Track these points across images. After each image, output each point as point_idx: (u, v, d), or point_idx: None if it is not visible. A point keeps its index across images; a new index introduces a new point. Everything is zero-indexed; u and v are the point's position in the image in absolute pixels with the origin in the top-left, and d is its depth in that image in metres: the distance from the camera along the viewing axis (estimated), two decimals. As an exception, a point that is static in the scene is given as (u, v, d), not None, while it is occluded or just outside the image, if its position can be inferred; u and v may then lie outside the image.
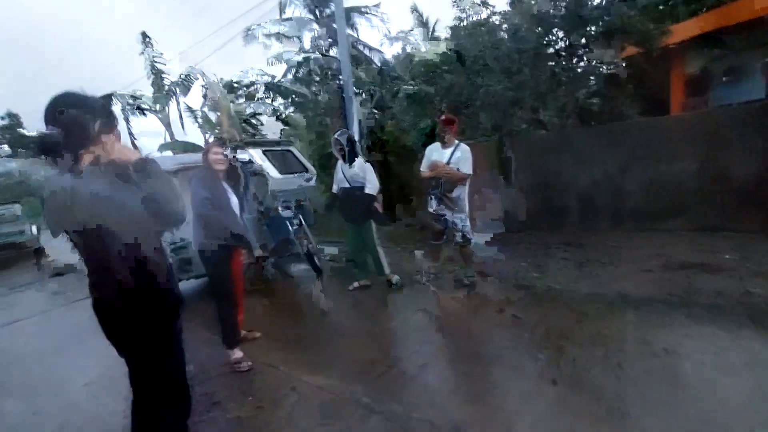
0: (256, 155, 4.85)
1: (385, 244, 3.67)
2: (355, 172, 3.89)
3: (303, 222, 4.22)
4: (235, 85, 12.00)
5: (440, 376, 2.40)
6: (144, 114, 12.85)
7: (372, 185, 3.89)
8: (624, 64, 7.23)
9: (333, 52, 11.52)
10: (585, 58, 6.33)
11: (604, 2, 5.55)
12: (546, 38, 5.93)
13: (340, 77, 7.56)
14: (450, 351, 2.73)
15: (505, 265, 4.35)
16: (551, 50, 6.13)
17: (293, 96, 10.48)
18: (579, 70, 6.40)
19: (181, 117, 12.89)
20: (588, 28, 5.70)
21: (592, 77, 6.79)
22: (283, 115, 11.91)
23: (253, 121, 13.20)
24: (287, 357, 2.81)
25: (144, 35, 12.67)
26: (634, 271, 3.68)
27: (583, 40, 5.92)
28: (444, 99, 6.46)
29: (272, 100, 12.09)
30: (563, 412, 1.92)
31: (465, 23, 6.45)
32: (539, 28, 5.75)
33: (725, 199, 4.43)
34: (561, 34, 5.97)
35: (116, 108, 11.75)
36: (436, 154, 3.79)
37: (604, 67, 6.61)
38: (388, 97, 8.44)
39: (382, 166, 7.58)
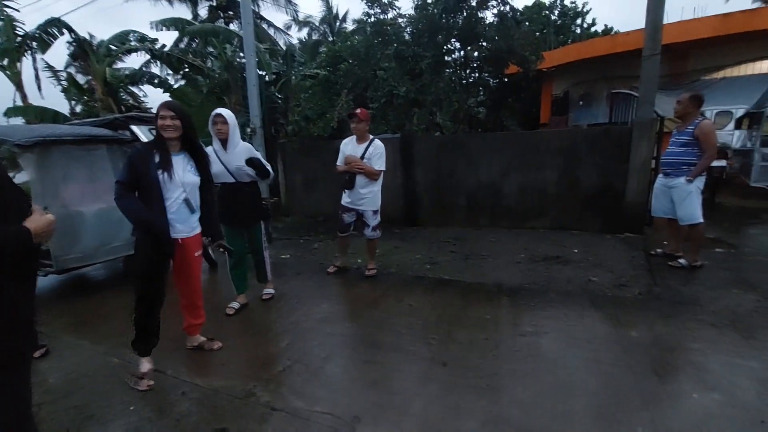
0: (141, 133, 4.24)
1: (287, 236, 3.55)
2: (238, 160, 3.05)
3: None
4: (114, 48, 10.20)
5: (342, 367, 2.46)
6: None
7: (266, 165, 3.17)
8: (506, 80, 8.21)
9: (234, 26, 10.62)
10: (476, 72, 6.98)
11: (494, 22, 6.20)
12: (445, 47, 6.38)
13: (242, 54, 7.03)
14: (352, 341, 2.81)
15: (402, 257, 4.63)
16: (449, 59, 6.63)
17: (185, 68, 9.34)
18: (471, 80, 7.05)
19: (37, 77, 10.49)
20: (480, 44, 6.31)
21: (481, 88, 7.55)
22: (172, 89, 10.56)
23: (136, 91, 11.41)
24: (176, 360, 2.57)
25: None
26: (507, 263, 4.25)
27: (477, 54, 6.54)
28: (351, 92, 6.50)
29: (160, 71, 10.58)
30: (452, 391, 2.15)
31: (372, 19, 6.56)
32: (440, 37, 6.17)
33: (575, 203, 5.39)
34: (458, 45, 6.49)
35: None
36: (350, 148, 3.83)
37: (491, 81, 7.42)
38: (294, 82, 8.14)
39: (286, 154, 7.32)
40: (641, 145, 4.83)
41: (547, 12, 13.09)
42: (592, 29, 13.87)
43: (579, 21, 13.87)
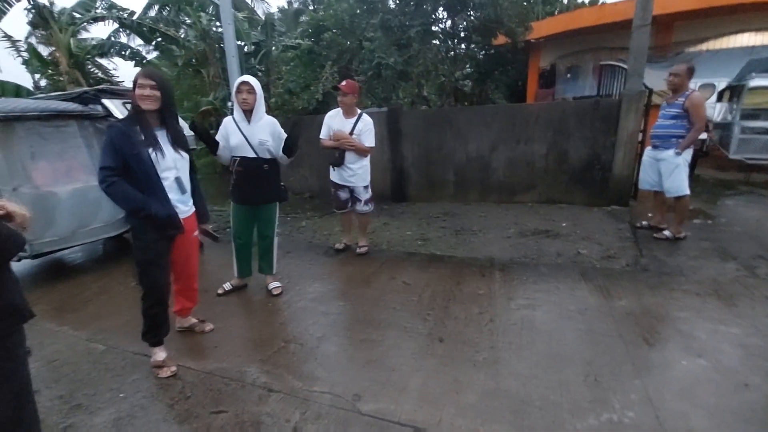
0: (114, 107, 3.98)
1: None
2: (262, 134, 2.84)
3: None
4: (78, 15, 9.48)
5: (339, 346, 2.44)
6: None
7: (290, 149, 2.92)
8: (493, 52, 8.04)
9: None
10: (464, 42, 6.80)
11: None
12: (433, 16, 6.17)
13: (218, 23, 6.64)
14: (347, 320, 2.79)
15: (393, 234, 4.59)
16: (436, 29, 6.42)
17: (158, 38, 8.79)
18: (459, 52, 6.88)
19: (-7, 47, 9.74)
20: (469, 13, 6.11)
21: (468, 61, 7.39)
22: (145, 61, 9.96)
23: (105, 63, 10.72)
24: (167, 343, 2.50)
25: None
26: (498, 238, 4.27)
27: (464, 24, 6.35)
28: (335, 63, 6.26)
29: (130, 41, 9.93)
30: (449, 365, 2.16)
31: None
32: (426, 6, 5.94)
33: (563, 177, 5.42)
34: (446, 14, 6.28)
35: None
36: (337, 122, 3.67)
37: (479, 53, 7.25)
38: (275, 54, 7.78)
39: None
40: (629, 117, 4.83)
41: (534, -19, 12.76)
42: (579, 0, 13.66)
43: (566, -9, 13.60)
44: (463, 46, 6.91)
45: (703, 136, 6.41)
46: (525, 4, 7.64)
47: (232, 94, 2.86)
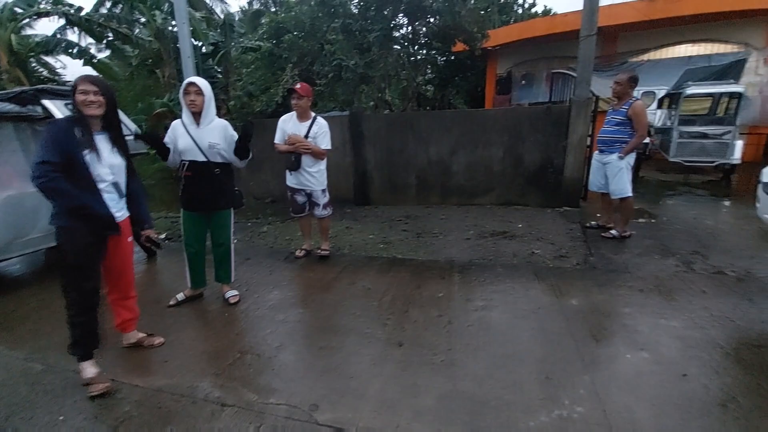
0: (56, 108, 3.71)
1: (233, 219, 3.29)
2: (212, 137, 2.72)
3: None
4: (19, 11, 8.78)
5: (297, 355, 2.39)
6: None
7: (242, 150, 2.83)
8: (453, 58, 8.24)
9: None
10: (425, 48, 6.92)
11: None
12: (393, 21, 6.23)
13: (174, 22, 6.37)
14: (306, 328, 2.74)
15: (355, 238, 4.57)
16: (397, 34, 6.49)
17: (109, 36, 8.30)
18: (419, 57, 6.98)
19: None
20: (428, 20, 6.22)
21: (429, 66, 7.52)
22: (95, 60, 9.37)
23: (51, 62, 9.98)
24: (111, 360, 2.35)
25: None
26: (458, 240, 4.36)
27: (424, 30, 6.46)
28: (296, 66, 6.17)
29: (80, 39, 9.30)
30: (408, 369, 2.17)
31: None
32: (387, 11, 5.99)
33: (519, 180, 5.62)
34: (406, 20, 6.35)
35: None
36: (291, 126, 3.62)
37: (439, 58, 7.40)
38: (234, 55, 7.57)
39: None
40: (578, 123, 5.10)
41: (491, -10, 13.22)
42: (533, 10, 14.29)
43: (521, 1, 14.20)
44: (423, 51, 7.02)
45: (646, 140, 6.87)
46: (482, 12, 7.88)
47: (180, 96, 2.73)
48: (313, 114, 3.66)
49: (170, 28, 7.92)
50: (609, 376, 2.06)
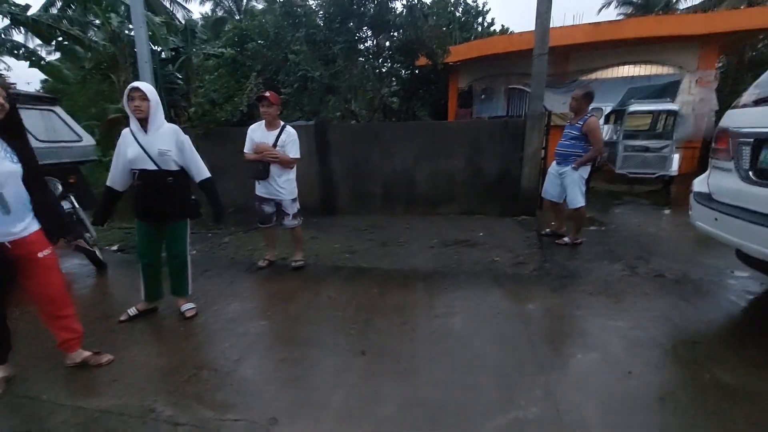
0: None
1: (193, 229, 3.17)
2: (162, 144, 2.61)
3: (76, 205, 3.37)
4: None
5: (256, 368, 2.33)
6: None
7: (197, 168, 2.79)
8: (417, 72, 8.46)
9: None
10: (389, 62, 7.07)
11: (404, 12, 6.29)
12: (357, 34, 6.32)
13: (131, 25, 6.12)
14: (267, 340, 2.67)
15: (321, 247, 4.54)
16: (362, 47, 6.59)
17: (59, 38, 7.84)
18: (384, 70, 7.12)
19: None
20: (392, 34, 6.37)
21: (394, 78, 7.67)
22: (44, 63, 8.80)
23: None
24: (53, 382, 2.18)
25: None
26: (421, 249, 4.43)
27: (388, 43, 6.60)
28: (260, 74, 6.10)
29: (26, 40, 8.69)
30: (371, 379, 2.17)
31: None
32: (351, 23, 6.08)
33: (479, 190, 5.82)
34: (370, 33, 6.47)
35: None
36: (259, 135, 3.58)
37: (403, 72, 7.57)
38: (196, 61, 7.36)
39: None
40: (533, 136, 5.37)
41: (452, 9, 13.72)
42: (491, 29, 14.95)
43: (480, 20, 14.81)
44: (388, 64, 7.17)
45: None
46: (444, 29, 8.17)
47: (124, 103, 2.61)
48: (282, 122, 3.63)
49: (127, 31, 7.60)
50: (563, 376, 2.16)
